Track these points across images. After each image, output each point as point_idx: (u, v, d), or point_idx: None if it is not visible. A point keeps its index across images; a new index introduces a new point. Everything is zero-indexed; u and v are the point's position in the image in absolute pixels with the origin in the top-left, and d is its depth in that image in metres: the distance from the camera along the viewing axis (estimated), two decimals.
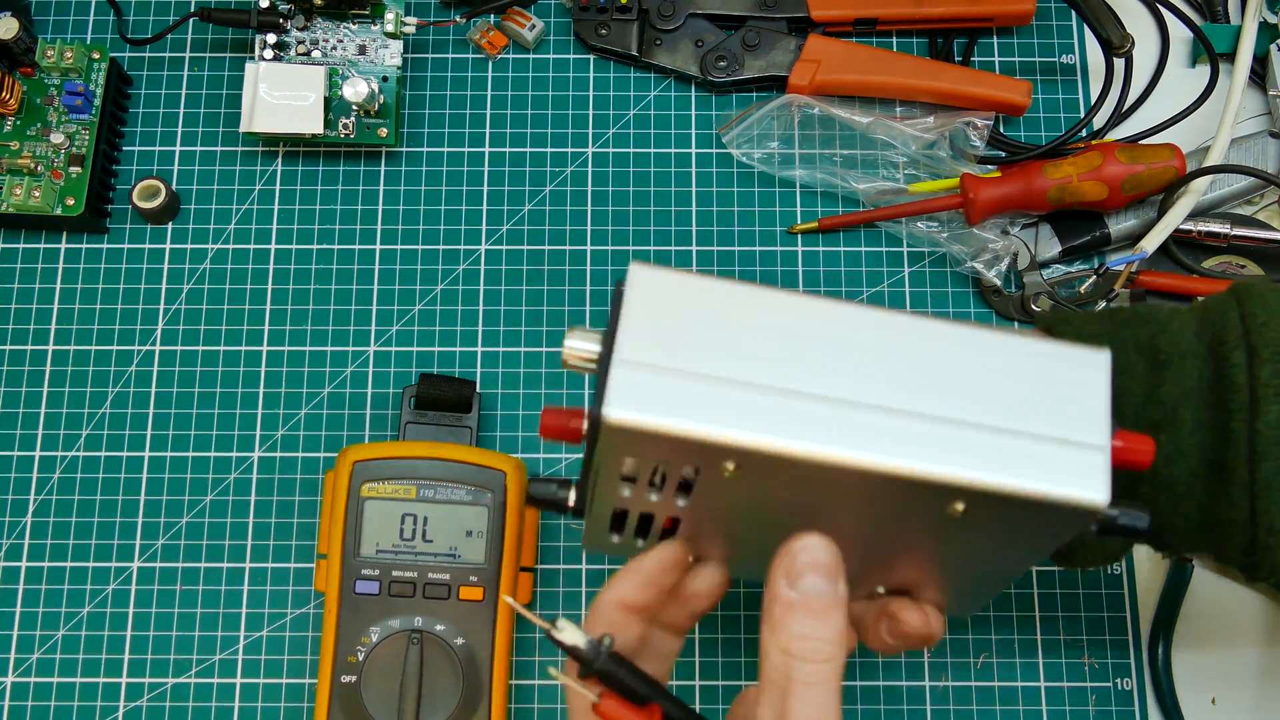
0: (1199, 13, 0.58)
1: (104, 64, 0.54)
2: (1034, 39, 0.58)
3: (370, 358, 0.53)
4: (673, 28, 0.56)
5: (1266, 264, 0.53)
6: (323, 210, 0.55)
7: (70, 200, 0.53)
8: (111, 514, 0.51)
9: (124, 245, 0.55)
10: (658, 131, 0.56)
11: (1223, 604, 0.50)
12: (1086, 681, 0.49)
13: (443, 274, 0.54)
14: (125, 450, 0.52)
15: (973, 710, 0.49)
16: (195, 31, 0.58)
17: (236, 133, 0.56)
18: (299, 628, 0.50)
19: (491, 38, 0.57)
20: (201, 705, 0.49)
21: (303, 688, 0.49)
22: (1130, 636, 0.50)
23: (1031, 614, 0.50)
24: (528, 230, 0.55)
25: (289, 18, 0.54)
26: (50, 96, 0.54)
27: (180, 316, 0.54)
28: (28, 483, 0.51)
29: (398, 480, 0.47)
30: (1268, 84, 0.55)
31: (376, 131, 0.54)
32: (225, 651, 0.49)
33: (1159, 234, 0.52)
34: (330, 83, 0.54)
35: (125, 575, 0.50)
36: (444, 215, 0.55)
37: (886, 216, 0.54)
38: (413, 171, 0.56)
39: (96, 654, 0.49)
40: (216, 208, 0.55)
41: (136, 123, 0.56)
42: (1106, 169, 0.51)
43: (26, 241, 0.55)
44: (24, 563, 0.50)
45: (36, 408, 0.52)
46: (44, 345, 0.53)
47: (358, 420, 0.52)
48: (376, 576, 0.46)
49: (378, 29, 0.55)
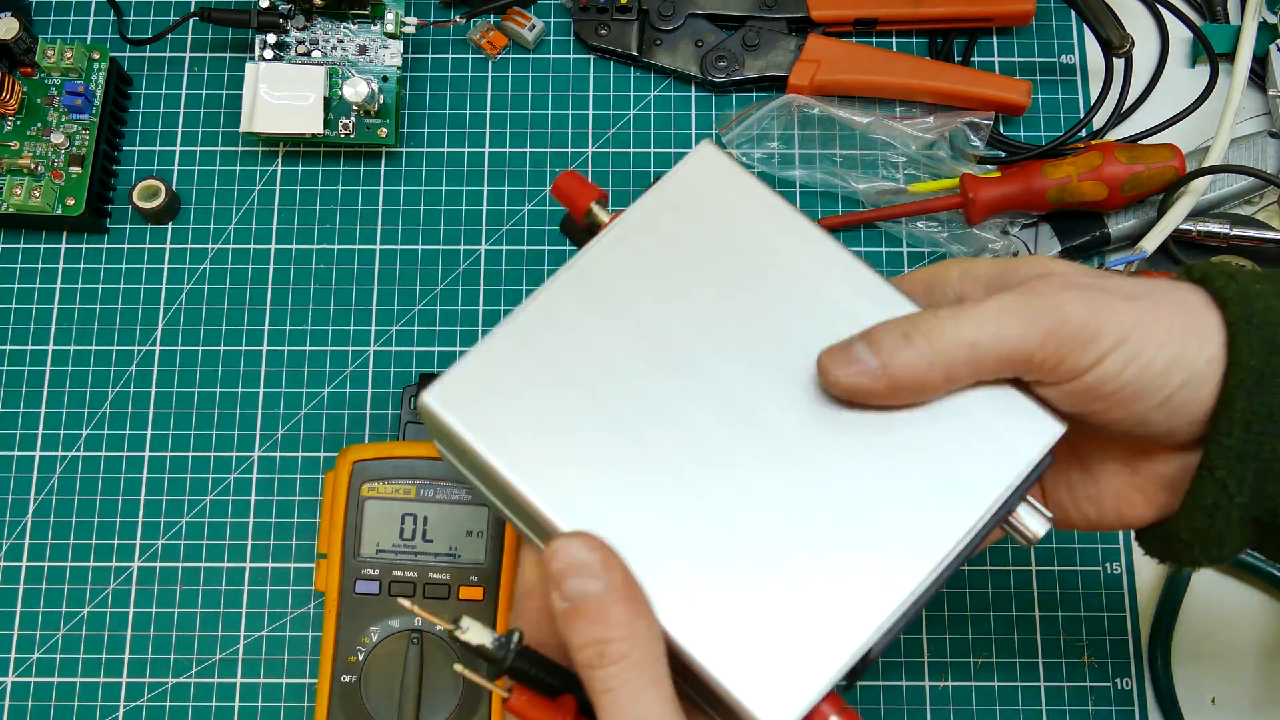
0: (1199, 13, 0.58)
1: (104, 64, 0.54)
2: (1034, 39, 0.58)
3: (370, 358, 0.53)
4: (673, 28, 0.56)
5: (1266, 264, 0.53)
6: (323, 210, 0.55)
7: (70, 200, 0.53)
8: (111, 514, 0.51)
9: (124, 245, 0.55)
10: (658, 131, 0.56)
11: (1223, 604, 0.50)
12: (1086, 681, 0.49)
13: (443, 274, 0.54)
14: (125, 450, 0.52)
15: (973, 710, 0.49)
16: (195, 31, 0.58)
17: (236, 133, 0.56)
18: (299, 628, 0.50)
19: (491, 38, 0.57)
20: (201, 705, 0.49)
21: (303, 688, 0.49)
22: (1130, 636, 0.50)
23: (1031, 614, 0.50)
24: (528, 230, 0.55)
25: (289, 18, 0.54)
26: (50, 96, 0.54)
27: (180, 316, 0.54)
28: (28, 483, 0.51)
29: (398, 480, 0.47)
30: (1267, 84, 0.55)
31: (376, 131, 0.54)
32: (225, 651, 0.49)
33: (1159, 234, 0.52)
34: (330, 83, 0.54)
35: (125, 575, 0.50)
36: (444, 215, 0.55)
37: (886, 216, 0.54)
38: (413, 171, 0.56)
39: (96, 654, 0.49)
40: (216, 208, 0.55)
41: (136, 123, 0.56)
42: (1106, 169, 0.51)
43: (26, 241, 0.55)
44: (24, 563, 0.50)
45: (36, 408, 0.52)
46: (44, 345, 0.53)
47: (358, 420, 0.52)
48: (377, 576, 0.46)
49: (378, 29, 0.55)
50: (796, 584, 0.30)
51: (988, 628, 0.50)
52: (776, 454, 0.31)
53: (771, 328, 0.32)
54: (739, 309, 0.32)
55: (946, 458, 0.31)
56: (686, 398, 0.31)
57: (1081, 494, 0.35)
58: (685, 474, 0.31)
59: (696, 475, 0.31)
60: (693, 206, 0.33)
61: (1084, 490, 0.35)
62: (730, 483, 0.31)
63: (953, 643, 0.50)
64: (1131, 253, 0.52)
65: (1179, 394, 0.30)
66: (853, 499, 0.30)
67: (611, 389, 0.31)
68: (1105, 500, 0.35)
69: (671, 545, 0.30)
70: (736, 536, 0.30)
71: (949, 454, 0.31)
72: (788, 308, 0.32)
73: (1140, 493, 0.34)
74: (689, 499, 0.30)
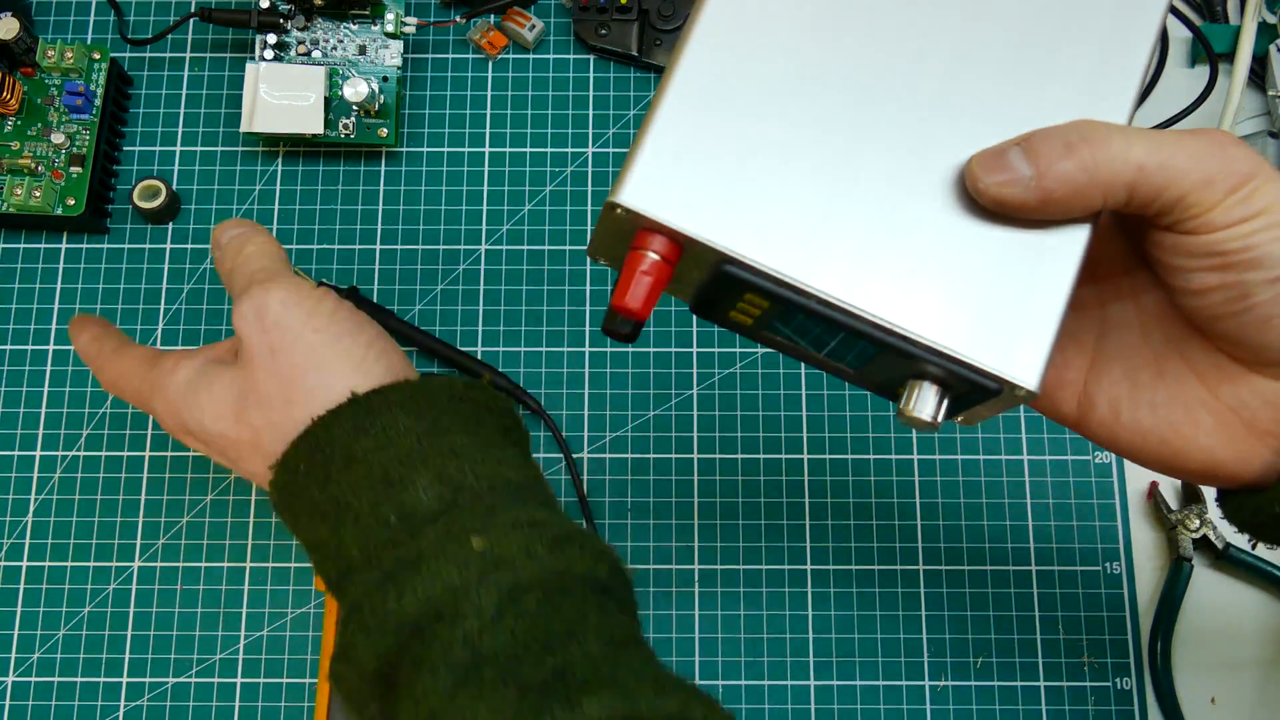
0: (1198, 13, 0.58)
1: (104, 64, 0.54)
2: None
3: None
4: (673, 28, 0.56)
5: None
6: (323, 210, 0.55)
7: (71, 200, 0.53)
8: (111, 514, 0.51)
9: (124, 245, 0.55)
10: None
11: (1223, 604, 0.50)
12: (1086, 681, 0.49)
13: (443, 274, 0.54)
14: (125, 450, 0.52)
15: (973, 710, 0.49)
16: (195, 31, 0.58)
17: (236, 133, 0.56)
18: (299, 628, 0.50)
19: (491, 38, 0.57)
20: (201, 705, 0.49)
21: (303, 688, 0.49)
22: (1130, 636, 0.50)
23: (1031, 614, 0.50)
24: (528, 230, 0.55)
25: (289, 18, 0.54)
26: (51, 96, 0.54)
27: (180, 316, 0.54)
28: (28, 483, 0.51)
29: None
30: (1267, 84, 0.55)
31: (376, 131, 0.54)
32: (225, 651, 0.49)
33: None
34: (330, 83, 0.54)
35: (125, 575, 0.50)
36: (444, 215, 0.55)
37: None
38: (413, 171, 0.56)
39: (97, 654, 0.49)
40: (216, 208, 0.55)
41: (137, 123, 0.56)
42: None
43: (27, 241, 0.55)
44: (24, 563, 0.50)
45: (36, 408, 0.52)
46: (44, 345, 0.53)
47: None
48: None
49: (378, 29, 0.55)
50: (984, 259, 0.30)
51: (988, 628, 0.50)
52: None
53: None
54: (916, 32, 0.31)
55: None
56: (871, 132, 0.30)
57: (1144, 397, 0.32)
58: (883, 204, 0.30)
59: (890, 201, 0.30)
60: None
61: (1149, 394, 0.32)
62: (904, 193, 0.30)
63: (953, 643, 0.50)
64: None
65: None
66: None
67: (794, 136, 0.30)
68: (1169, 412, 0.32)
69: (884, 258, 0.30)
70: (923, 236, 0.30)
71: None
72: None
73: (1214, 418, 0.31)
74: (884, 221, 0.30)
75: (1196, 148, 0.28)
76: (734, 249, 0.29)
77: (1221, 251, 0.29)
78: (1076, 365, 0.34)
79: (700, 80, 0.30)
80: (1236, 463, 0.31)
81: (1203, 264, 0.29)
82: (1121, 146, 0.28)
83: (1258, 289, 0.29)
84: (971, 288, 0.30)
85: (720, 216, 0.29)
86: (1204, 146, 0.28)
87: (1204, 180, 0.28)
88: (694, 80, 0.30)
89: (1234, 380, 0.31)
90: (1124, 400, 0.33)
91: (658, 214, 0.29)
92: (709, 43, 0.31)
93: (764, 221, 0.30)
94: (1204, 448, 0.32)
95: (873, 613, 0.50)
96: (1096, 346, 0.34)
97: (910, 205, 0.30)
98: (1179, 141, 0.28)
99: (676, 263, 0.30)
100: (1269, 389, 0.31)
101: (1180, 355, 0.32)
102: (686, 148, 0.30)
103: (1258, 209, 0.28)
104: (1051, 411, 0.35)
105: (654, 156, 0.30)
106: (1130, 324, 0.33)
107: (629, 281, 0.29)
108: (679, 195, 0.29)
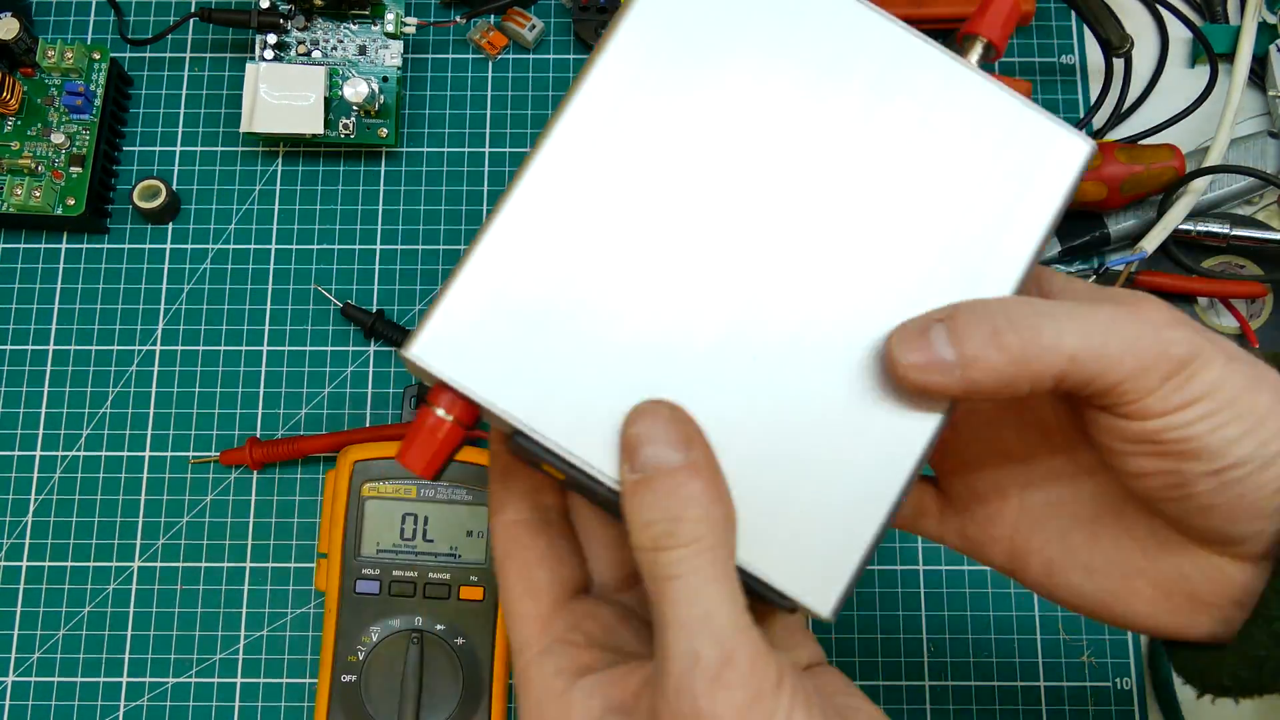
0: (1199, 13, 0.58)
1: (104, 64, 0.54)
2: (1034, 39, 0.58)
3: (370, 358, 0.53)
4: None
5: (1266, 264, 0.53)
6: (323, 210, 0.55)
7: (70, 200, 0.53)
8: (111, 514, 0.51)
9: (124, 245, 0.55)
10: None
11: None
12: (1086, 681, 0.49)
13: (443, 274, 0.54)
14: (125, 450, 0.52)
15: (973, 710, 0.49)
16: (195, 31, 0.58)
17: (236, 133, 0.56)
18: (299, 628, 0.50)
19: (491, 38, 0.57)
20: (201, 705, 0.49)
21: (303, 688, 0.49)
22: (1130, 636, 0.50)
23: (1031, 614, 0.50)
24: None
25: (289, 18, 0.54)
26: (51, 96, 0.54)
27: (180, 316, 0.54)
28: (28, 483, 0.51)
29: (398, 480, 0.47)
30: (1267, 84, 0.55)
31: (376, 131, 0.54)
32: (225, 651, 0.49)
33: (1158, 234, 0.52)
34: (330, 83, 0.54)
35: (125, 575, 0.50)
36: (444, 215, 0.55)
37: None
38: (413, 171, 0.56)
39: (96, 654, 0.49)
40: (216, 208, 0.55)
41: (137, 123, 0.56)
42: (1106, 169, 0.51)
43: (27, 241, 0.55)
44: (24, 563, 0.50)
45: (36, 408, 0.52)
46: (44, 345, 0.53)
47: (358, 420, 0.52)
48: (377, 576, 0.46)
49: (378, 29, 0.55)
50: (809, 464, 0.27)
51: (988, 628, 0.50)
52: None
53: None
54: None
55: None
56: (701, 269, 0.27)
57: (1079, 560, 0.31)
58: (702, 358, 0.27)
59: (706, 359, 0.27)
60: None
61: (1083, 557, 0.31)
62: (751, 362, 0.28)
63: (953, 643, 0.50)
64: (1131, 253, 0.52)
65: (1236, 470, 0.27)
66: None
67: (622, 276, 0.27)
68: (1105, 579, 0.31)
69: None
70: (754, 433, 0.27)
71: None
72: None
73: (1153, 588, 0.30)
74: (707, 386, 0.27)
75: (1131, 332, 0.26)
76: (526, 422, 0.26)
77: (1159, 440, 0.27)
78: (1002, 521, 0.32)
79: (527, 221, 0.27)
80: (1180, 629, 0.30)
81: (1140, 449, 0.27)
82: (1053, 336, 0.26)
83: (1197, 480, 0.27)
84: (784, 488, 0.27)
85: (520, 380, 0.27)
86: (1139, 330, 0.26)
87: (1139, 368, 0.26)
88: (519, 221, 0.27)
89: (1174, 552, 0.30)
90: (1056, 563, 0.31)
91: (449, 374, 0.26)
92: (548, 175, 0.27)
93: (568, 393, 0.27)
94: (1144, 614, 0.30)
95: (873, 613, 0.50)
96: (1023, 502, 0.32)
97: (736, 389, 0.27)
98: (1113, 325, 0.26)
99: (472, 423, 0.27)
100: (1210, 563, 0.29)
101: (1116, 519, 0.31)
102: (499, 298, 0.27)
103: (1195, 395, 0.26)
104: (985, 562, 0.33)
105: (459, 306, 0.27)
106: (1063, 479, 0.32)
107: (412, 440, 0.27)
108: (477, 353, 0.27)
